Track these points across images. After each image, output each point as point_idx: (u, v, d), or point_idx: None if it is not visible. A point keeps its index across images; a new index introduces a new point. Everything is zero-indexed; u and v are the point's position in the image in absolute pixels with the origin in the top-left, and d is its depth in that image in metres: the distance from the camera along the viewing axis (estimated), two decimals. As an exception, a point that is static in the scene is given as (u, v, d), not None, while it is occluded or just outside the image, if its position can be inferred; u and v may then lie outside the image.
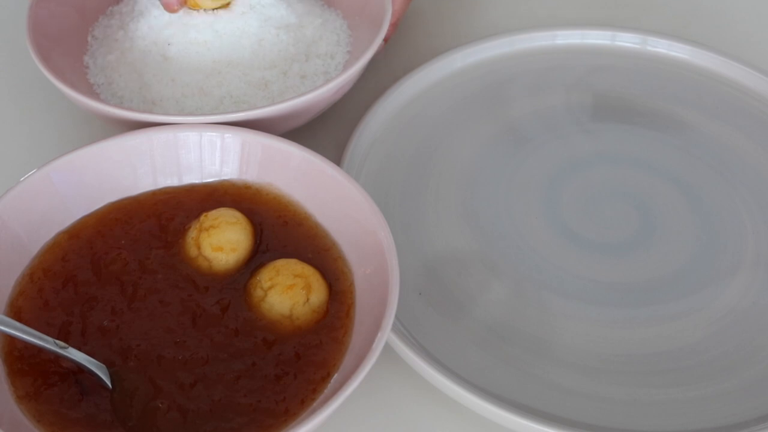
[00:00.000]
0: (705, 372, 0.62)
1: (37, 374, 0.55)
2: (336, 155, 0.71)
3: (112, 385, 0.55)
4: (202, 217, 0.62)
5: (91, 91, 0.71)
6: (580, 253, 0.68)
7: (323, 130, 0.76)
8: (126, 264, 0.61)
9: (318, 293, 0.58)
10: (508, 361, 0.62)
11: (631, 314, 0.65)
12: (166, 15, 0.72)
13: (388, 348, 0.60)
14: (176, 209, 0.64)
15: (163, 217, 0.64)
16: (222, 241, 0.61)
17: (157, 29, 0.72)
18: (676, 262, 0.68)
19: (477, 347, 0.62)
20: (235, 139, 0.65)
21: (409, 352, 0.60)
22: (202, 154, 0.65)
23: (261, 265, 0.60)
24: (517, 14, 0.90)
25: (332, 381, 0.55)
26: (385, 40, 0.72)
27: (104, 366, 0.55)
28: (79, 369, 0.55)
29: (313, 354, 0.56)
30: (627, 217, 0.71)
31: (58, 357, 0.55)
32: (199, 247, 0.61)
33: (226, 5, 0.72)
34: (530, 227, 0.70)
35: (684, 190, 0.73)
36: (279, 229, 0.63)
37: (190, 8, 0.72)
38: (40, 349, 0.55)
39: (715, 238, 0.70)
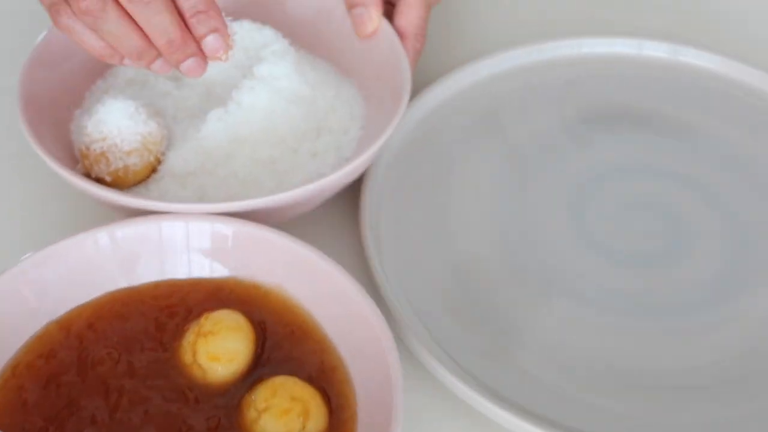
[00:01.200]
0: (738, 388, 0.61)
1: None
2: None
3: None
4: (202, 319, 0.57)
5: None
6: (609, 266, 0.67)
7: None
8: (115, 365, 0.56)
9: (316, 421, 0.53)
10: (540, 376, 0.61)
11: (662, 327, 0.64)
12: (163, 85, 0.68)
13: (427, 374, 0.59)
14: (178, 305, 0.59)
15: (163, 313, 0.59)
16: (219, 350, 0.55)
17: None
18: (707, 272, 0.67)
19: (507, 361, 0.62)
20: (243, 233, 0.60)
21: (447, 374, 0.59)
22: (209, 246, 0.60)
23: (259, 379, 0.55)
24: (542, 23, 0.88)
25: None
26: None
27: None
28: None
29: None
30: (655, 228, 0.70)
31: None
32: (194, 354, 0.56)
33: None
34: (558, 240, 0.69)
35: (713, 201, 0.72)
36: (284, 340, 0.57)
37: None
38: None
39: (746, 249, 0.68)
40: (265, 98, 0.66)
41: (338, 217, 0.70)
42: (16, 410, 0.54)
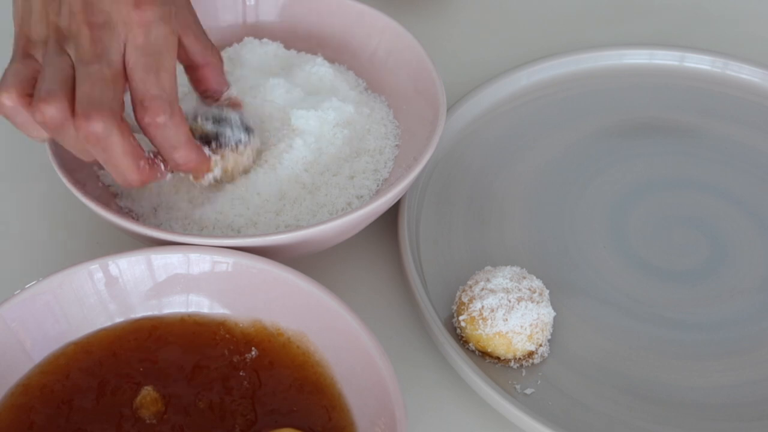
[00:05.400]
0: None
1: None
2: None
3: None
4: None
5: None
6: (651, 282, 0.67)
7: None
8: (133, 394, 0.55)
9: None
10: (574, 392, 0.61)
11: (705, 341, 0.64)
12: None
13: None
14: (204, 348, 0.58)
15: (189, 354, 0.58)
16: None
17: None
18: (749, 287, 0.67)
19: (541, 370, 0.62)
20: (270, 275, 0.58)
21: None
22: (236, 283, 0.59)
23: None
24: (583, 33, 0.88)
25: None
26: None
27: None
28: None
29: None
30: (696, 243, 0.70)
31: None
32: None
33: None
34: (598, 255, 0.69)
35: (753, 215, 0.71)
36: (290, 394, 0.56)
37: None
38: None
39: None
40: (315, 126, 0.65)
41: (377, 231, 0.69)
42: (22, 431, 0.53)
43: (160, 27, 0.55)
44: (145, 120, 0.55)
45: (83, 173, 0.64)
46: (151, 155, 0.58)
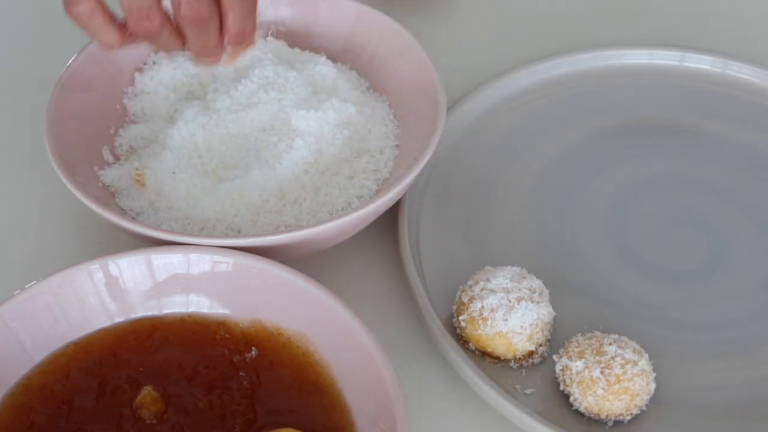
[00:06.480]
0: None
1: None
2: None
3: None
4: None
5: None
6: (651, 282, 0.67)
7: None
8: (133, 394, 0.55)
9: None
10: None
11: (705, 341, 0.64)
12: (201, 117, 0.66)
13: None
14: (204, 348, 0.58)
15: (189, 354, 0.58)
16: None
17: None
18: (749, 287, 0.67)
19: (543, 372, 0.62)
20: (270, 275, 0.58)
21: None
22: (236, 283, 0.59)
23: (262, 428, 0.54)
24: (583, 33, 0.87)
25: None
26: None
27: None
28: None
29: None
30: (696, 243, 0.70)
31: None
32: None
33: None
34: (598, 255, 0.69)
35: (752, 215, 0.71)
36: (290, 394, 0.56)
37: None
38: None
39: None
40: (315, 127, 0.65)
41: (377, 231, 0.69)
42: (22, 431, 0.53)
43: None
44: None
45: (83, 173, 0.64)
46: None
